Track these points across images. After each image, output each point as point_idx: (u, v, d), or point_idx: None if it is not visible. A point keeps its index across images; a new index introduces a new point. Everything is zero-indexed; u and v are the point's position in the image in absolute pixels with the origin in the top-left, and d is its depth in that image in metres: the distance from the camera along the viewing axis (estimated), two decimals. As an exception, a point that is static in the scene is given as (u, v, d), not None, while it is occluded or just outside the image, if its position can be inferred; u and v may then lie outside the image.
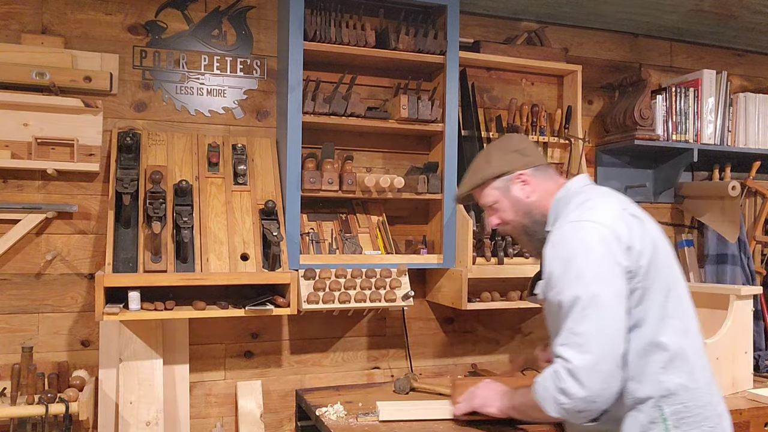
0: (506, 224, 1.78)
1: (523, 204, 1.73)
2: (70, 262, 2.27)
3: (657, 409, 1.51)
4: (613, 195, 1.66)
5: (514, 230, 1.78)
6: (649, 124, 2.86)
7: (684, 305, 1.59)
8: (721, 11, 2.85)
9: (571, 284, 1.48)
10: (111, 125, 2.31)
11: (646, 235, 1.55)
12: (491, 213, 1.81)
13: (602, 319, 1.44)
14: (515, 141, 1.81)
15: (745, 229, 3.12)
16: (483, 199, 1.81)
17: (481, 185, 1.79)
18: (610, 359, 1.44)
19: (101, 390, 2.20)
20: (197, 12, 2.44)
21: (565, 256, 1.51)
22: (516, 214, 1.75)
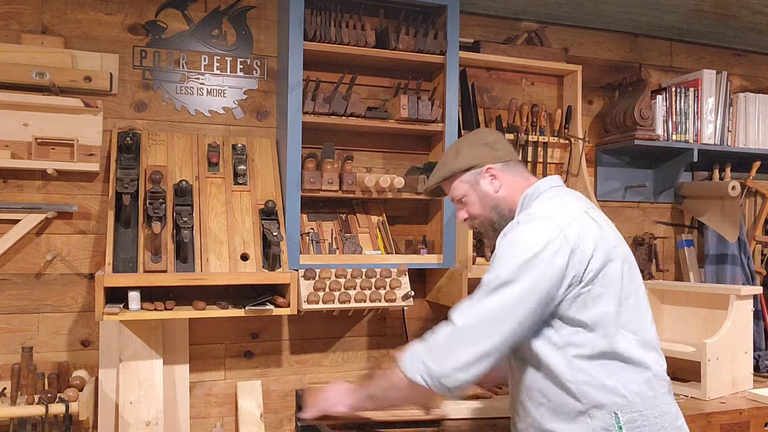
0: (474, 218, 1.77)
1: (491, 198, 1.71)
2: (70, 262, 2.27)
3: (612, 416, 1.47)
4: (578, 198, 1.65)
5: (482, 225, 1.77)
6: (649, 124, 2.86)
7: (642, 315, 1.55)
8: (721, 11, 2.85)
9: (497, 267, 1.49)
10: (111, 125, 2.31)
11: (602, 241, 1.51)
12: (460, 207, 1.79)
13: (508, 304, 1.44)
14: (485, 135, 1.79)
15: (745, 229, 3.12)
16: (452, 192, 1.79)
17: (449, 178, 1.78)
18: (488, 343, 1.44)
19: (101, 390, 2.20)
20: (197, 12, 2.44)
21: (507, 243, 1.52)
22: (483, 208, 1.73)
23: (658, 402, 1.51)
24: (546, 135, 2.80)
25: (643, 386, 1.50)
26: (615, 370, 1.49)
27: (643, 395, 1.49)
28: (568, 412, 1.50)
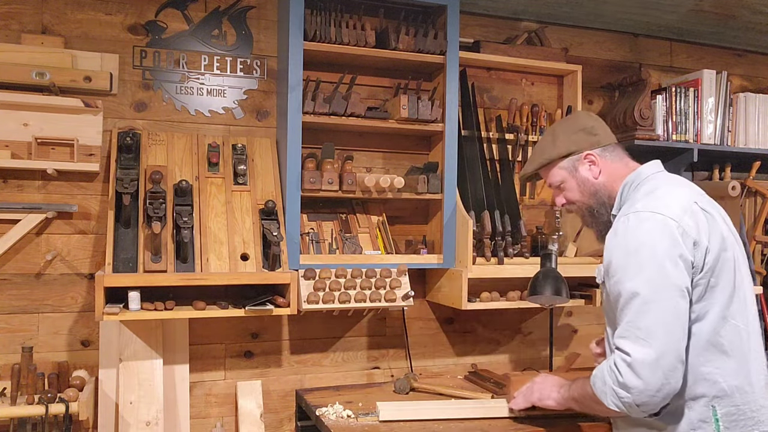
0: (572, 204, 1.76)
1: (590, 184, 1.70)
2: (70, 262, 2.27)
3: (709, 409, 1.47)
4: (684, 185, 1.63)
5: (579, 210, 1.76)
6: (649, 124, 2.86)
7: (748, 307, 1.55)
8: (721, 11, 2.85)
9: (632, 276, 1.45)
10: (111, 125, 2.31)
11: (714, 232, 1.51)
12: (557, 193, 1.78)
13: (664, 314, 1.41)
14: (583, 119, 1.76)
15: (745, 229, 3.12)
16: (550, 178, 1.78)
17: (547, 165, 1.77)
18: (672, 354, 1.41)
19: (101, 390, 2.20)
20: (197, 12, 2.44)
21: (627, 246, 1.48)
22: (582, 194, 1.72)
23: (756, 396, 1.50)
24: (546, 135, 2.80)
25: (743, 380, 1.49)
26: (716, 362, 1.48)
27: (742, 389, 1.48)
28: (671, 404, 1.48)
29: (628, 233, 1.49)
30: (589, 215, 1.73)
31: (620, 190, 1.66)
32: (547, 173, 1.79)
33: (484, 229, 2.45)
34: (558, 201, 1.79)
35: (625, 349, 1.43)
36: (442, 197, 2.48)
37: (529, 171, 1.84)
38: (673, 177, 1.68)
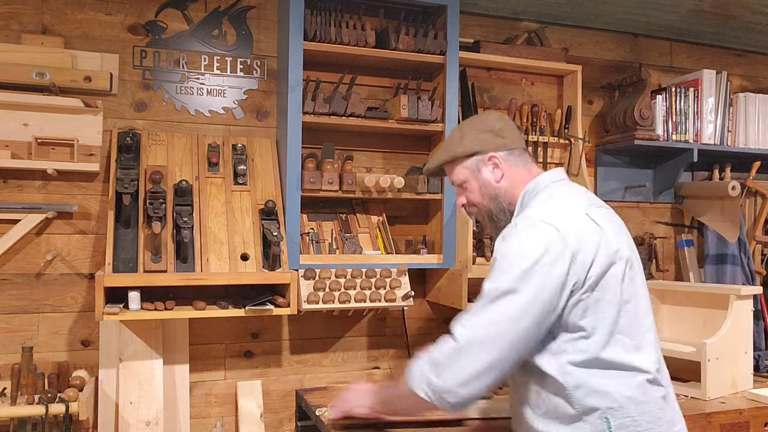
0: (472, 206, 1.71)
1: (491, 188, 1.65)
2: (70, 262, 2.27)
3: (603, 421, 1.44)
4: (579, 196, 1.59)
5: (479, 214, 1.71)
6: (649, 124, 2.86)
7: (639, 319, 1.50)
8: (721, 11, 2.85)
9: (498, 276, 1.44)
10: (111, 125, 2.31)
11: (603, 245, 1.46)
12: (460, 192, 1.73)
13: (507, 316, 1.40)
14: (492, 120, 1.70)
15: (745, 229, 3.12)
16: (452, 176, 1.73)
17: (450, 162, 1.71)
18: (490, 357, 1.40)
19: (101, 390, 2.20)
20: (197, 12, 2.44)
21: (506, 250, 1.46)
22: (483, 197, 1.67)
23: (651, 407, 1.47)
24: (546, 135, 2.80)
25: (636, 391, 1.46)
26: (608, 375, 1.45)
27: (636, 400, 1.45)
28: (561, 416, 1.47)
29: (512, 238, 1.47)
30: (489, 219, 1.69)
31: (520, 197, 1.63)
32: (450, 170, 1.73)
33: (484, 229, 2.45)
34: (459, 201, 1.74)
35: (455, 331, 1.45)
36: (442, 197, 2.48)
37: (432, 167, 1.79)
38: (571, 187, 1.63)
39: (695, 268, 3.15)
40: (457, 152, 1.69)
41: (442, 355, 1.45)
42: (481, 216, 1.71)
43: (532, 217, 1.50)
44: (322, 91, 2.35)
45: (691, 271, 3.13)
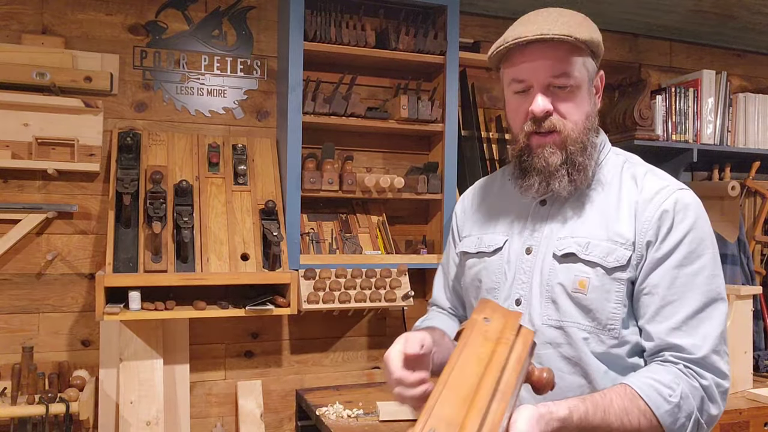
0: (565, 124, 1.15)
1: (593, 113, 1.21)
2: (71, 262, 2.27)
3: None
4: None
5: (565, 141, 1.15)
6: (648, 124, 2.86)
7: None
8: (721, 11, 2.85)
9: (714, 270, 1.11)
10: (111, 125, 2.31)
11: None
12: (552, 95, 1.15)
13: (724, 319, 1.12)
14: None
15: (744, 229, 3.13)
16: (567, 66, 1.14)
17: (583, 44, 1.15)
18: None
19: (101, 390, 2.20)
20: (197, 12, 2.45)
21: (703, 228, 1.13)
22: (584, 119, 1.17)
23: None
24: (546, 135, 2.80)
25: None
26: None
27: None
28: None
29: (699, 210, 1.14)
30: (573, 156, 1.16)
31: (600, 146, 1.24)
32: (570, 54, 1.14)
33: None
34: (543, 106, 1.13)
35: (719, 366, 1.08)
36: (442, 197, 2.48)
37: (562, 32, 1.12)
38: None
39: (695, 268, 3.15)
40: (594, 37, 1.19)
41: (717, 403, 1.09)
42: (564, 149, 1.15)
43: (686, 189, 1.16)
44: (322, 91, 2.36)
45: (691, 271, 3.12)
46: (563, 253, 1.16)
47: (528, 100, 1.16)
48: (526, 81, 1.16)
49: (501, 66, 1.23)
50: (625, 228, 1.14)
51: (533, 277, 1.18)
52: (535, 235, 1.22)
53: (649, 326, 1.11)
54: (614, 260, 1.12)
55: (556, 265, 1.16)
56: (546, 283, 1.17)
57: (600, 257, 1.13)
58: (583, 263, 1.14)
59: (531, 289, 1.18)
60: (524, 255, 1.21)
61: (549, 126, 1.15)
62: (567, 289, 1.14)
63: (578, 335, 1.13)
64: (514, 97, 1.20)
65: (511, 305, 1.20)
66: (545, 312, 1.16)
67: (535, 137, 1.17)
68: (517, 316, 0.97)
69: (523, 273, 1.20)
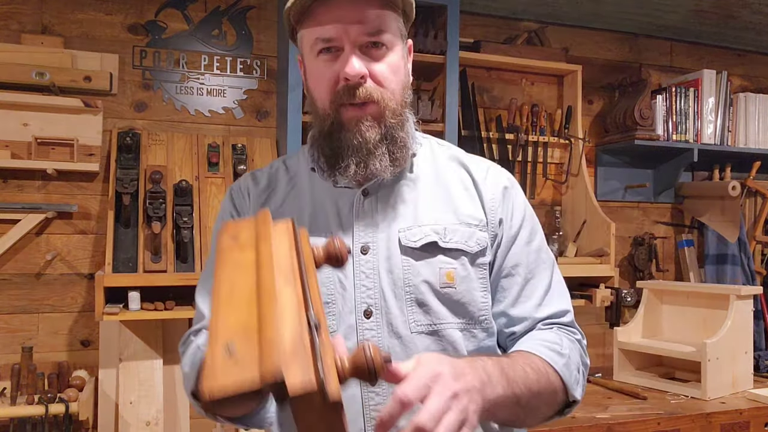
0: (381, 89, 0.99)
1: (408, 84, 1.05)
2: (70, 262, 2.27)
3: None
4: None
5: (383, 114, 1.00)
6: (649, 124, 2.86)
7: None
8: (721, 11, 2.84)
9: (542, 236, 1.11)
10: (111, 125, 2.31)
11: None
12: (366, 55, 0.97)
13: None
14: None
15: (745, 229, 3.12)
16: (382, 20, 0.98)
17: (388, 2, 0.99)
18: None
19: (101, 390, 2.20)
20: (197, 12, 2.44)
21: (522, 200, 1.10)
22: (399, 84, 1.02)
23: None
24: (546, 135, 2.80)
25: None
26: None
27: None
28: None
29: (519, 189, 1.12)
30: (389, 125, 1.00)
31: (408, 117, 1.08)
32: (383, 11, 0.98)
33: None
34: (358, 68, 0.95)
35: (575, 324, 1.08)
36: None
37: None
38: None
39: (695, 268, 3.15)
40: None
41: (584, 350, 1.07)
42: (379, 115, 0.99)
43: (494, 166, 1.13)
44: (322, 91, 2.35)
45: (692, 271, 3.13)
46: (421, 245, 0.99)
47: (337, 64, 0.97)
48: (335, 40, 0.96)
49: (300, 26, 1.01)
50: (472, 208, 1.04)
51: (381, 280, 0.98)
52: (368, 231, 1.01)
53: (514, 309, 1.04)
54: (476, 244, 1.01)
55: (411, 260, 0.99)
56: (404, 283, 0.98)
57: (462, 243, 1.00)
58: (444, 253, 1.00)
59: (382, 295, 0.98)
60: (360, 255, 1.00)
61: (365, 95, 0.96)
62: (434, 285, 0.98)
63: (453, 336, 0.99)
64: (317, 62, 0.99)
65: (359, 319, 0.97)
66: (412, 317, 0.98)
67: (349, 109, 0.98)
68: (265, 213, 0.75)
69: (365, 277, 0.99)
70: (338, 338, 0.72)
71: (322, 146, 1.05)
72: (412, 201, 1.04)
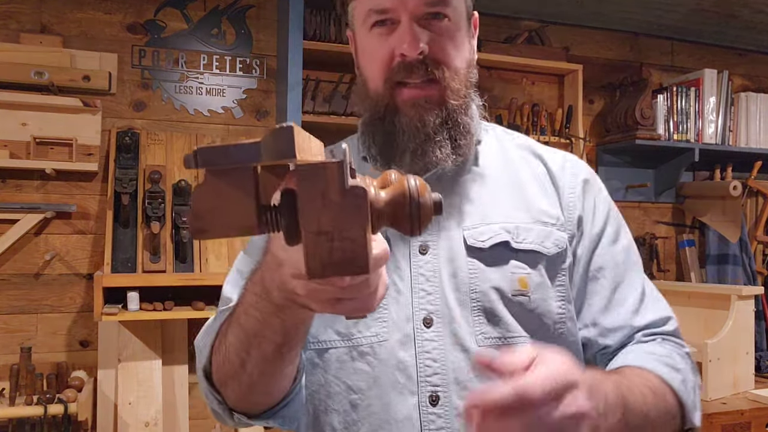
0: (443, 67, 0.86)
1: (473, 62, 0.95)
2: (69, 262, 2.27)
3: None
4: None
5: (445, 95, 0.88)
6: (650, 123, 2.85)
7: None
8: (722, 10, 2.84)
9: (626, 232, 0.96)
10: (110, 125, 2.30)
11: None
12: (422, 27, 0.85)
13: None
14: None
15: (746, 229, 3.11)
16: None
17: None
18: None
19: (100, 390, 2.19)
20: (196, 11, 2.44)
21: (605, 196, 0.98)
22: (463, 62, 0.91)
23: None
24: (547, 134, 2.79)
25: None
26: None
27: None
28: None
29: (596, 177, 1.00)
30: (456, 102, 0.89)
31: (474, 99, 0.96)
32: None
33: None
34: (417, 43, 0.83)
35: (680, 335, 0.94)
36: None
37: None
38: None
39: (696, 268, 3.14)
40: None
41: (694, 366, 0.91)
42: (439, 96, 0.87)
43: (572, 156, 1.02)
44: (322, 91, 2.35)
45: (693, 271, 3.12)
46: (490, 245, 0.86)
47: (393, 38, 0.85)
48: (390, 11, 0.84)
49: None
50: (548, 204, 0.90)
51: (443, 284, 0.85)
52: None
53: (605, 318, 0.89)
54: (553, 245, 0.88)
55: (478, 263, 0.86)
56: (470, 289, 0.85)
57: (537, 243, 0.87)
58: (517, 255, 0.86)
59: (446, 301, 0.85)
60: (419, 256, 0.87)
61: (424, 73, 0.85)
62: (505, 293, 0.85)
63: None
64: (370, 37, 0.88)
65: (417, 328, 0.85)
66: (479, 329, 0.84)
67: (405, 90, 0.86)
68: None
69: (424, 281, 0.86)
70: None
71: (374, 132, 0.90)
72: (477, 196, 0.90)
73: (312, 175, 0.40)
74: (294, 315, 0.62)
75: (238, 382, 0.76)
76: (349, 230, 0.41)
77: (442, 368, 0.83)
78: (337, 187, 0.40)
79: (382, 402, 0.83)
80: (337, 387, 0.86)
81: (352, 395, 0.85)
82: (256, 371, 0.73)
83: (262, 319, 0.65)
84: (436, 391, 0.82)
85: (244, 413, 0.83)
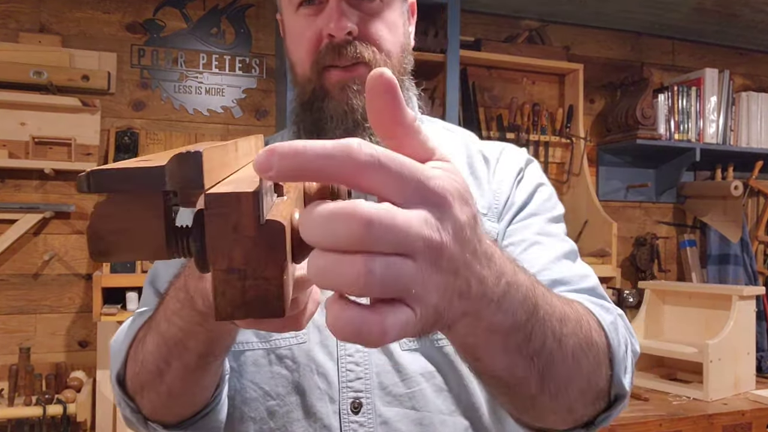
0: (373, 48, 0.82)
1: (408, 47, 0.94)
2: (68, 262, 2.26)
3: None
4: None
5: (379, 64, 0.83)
6: (651, 123, 2.84)
7: None
8: (724, 10, 2.83)
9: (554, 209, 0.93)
10: (109, 124, 2.30)
11: None
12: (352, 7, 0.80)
13: None
14: None
15: (747, 229, 3.11)
16: None
17: None
18: None
19: (99, 391, 2.18)
20: (196, 10, 2.43)
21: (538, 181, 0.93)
22: (397, 45, 0.88)
23: None
24: (547, 134, 2.78)
25: None
26: None
27: None
28: None
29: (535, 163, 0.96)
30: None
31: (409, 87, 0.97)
32: None
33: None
34: (344, 23, 0.78)
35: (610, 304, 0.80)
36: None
37: None
38: None
39: (697, 269, 3.14)
40: None
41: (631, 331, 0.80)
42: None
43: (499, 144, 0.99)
44: (322, 90, 2.34)
45: (694, 272, 3.11)
46: None
47: (320, 18, 0.79)
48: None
49: None
50: (479, 195, 0.89)
51: None
52: None
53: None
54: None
55: None
56: None
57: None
58: None
59: None
60: None
61: (353, 55, 0.79)
62: None
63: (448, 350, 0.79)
64: (297, 18, 0.82)
65: None
66: None
67: (334, 72, 0.80)
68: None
69: None
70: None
71: (303, 119, 0.85)
72: None
73: (222, 206, 0.34)
74: (220, 324, 0.57)
75: (155, 392, 0.70)
76: (264, 269, 0.35)
77: (365, 372, 0.77)
78: (251, 220, 0.34)
79: (302, 409, 0.78)
80: (254, 392, 0.80)
81: (270, 401, 0.79)
82: (176, 381, 0.67)
83: (186, 328, 0.60)
84: (359, 398, 0.77)
85: (160, 423, 0.76)
